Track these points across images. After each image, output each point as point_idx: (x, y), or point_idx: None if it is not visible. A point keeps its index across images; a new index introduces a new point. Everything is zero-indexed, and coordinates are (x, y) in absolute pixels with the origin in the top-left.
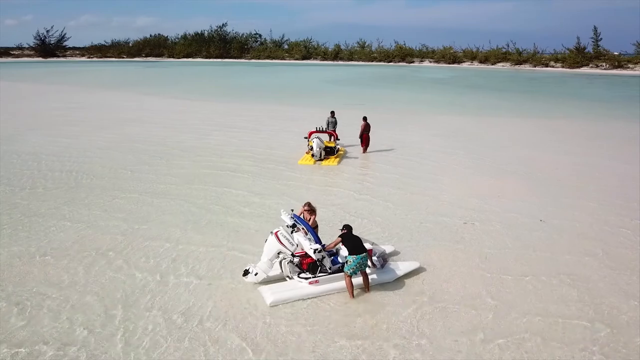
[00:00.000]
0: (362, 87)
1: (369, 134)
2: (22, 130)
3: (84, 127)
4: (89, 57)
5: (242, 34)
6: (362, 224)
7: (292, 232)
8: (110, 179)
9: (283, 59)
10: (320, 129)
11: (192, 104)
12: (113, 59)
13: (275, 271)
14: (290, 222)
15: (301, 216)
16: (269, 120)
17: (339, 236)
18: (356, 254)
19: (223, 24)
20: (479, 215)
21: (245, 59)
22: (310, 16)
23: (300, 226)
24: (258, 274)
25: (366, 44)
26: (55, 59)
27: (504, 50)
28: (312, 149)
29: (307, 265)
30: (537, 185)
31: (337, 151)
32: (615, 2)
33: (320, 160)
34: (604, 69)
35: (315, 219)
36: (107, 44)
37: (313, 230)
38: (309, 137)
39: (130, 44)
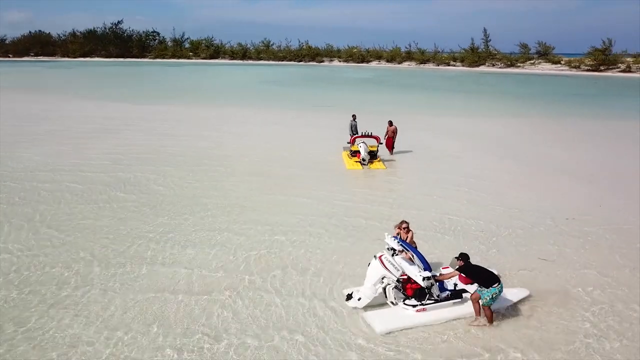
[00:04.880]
0: (306, 88)
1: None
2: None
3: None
4: None
5: (140, 32)
6: (463, 227)
7: (392, 255)
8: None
9: (189, 58)
10: (366, 134)
11: (164, 109)
12: None
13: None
14: (398, 247)
15: (398, 235)
16: (260, 126)
17: (457, 269)
18: (491, 286)
19: (119, 21)
20: (562, 209)
21: (149, 59)
22: (198, 14)
23: (407, 251)
24: (361, 299)
25: (270, 43)
26: None
27: (403, 49)
28: (354, 153)
29: (413, 291)
30: (579, 181)
31: (377, 155)
32: (500, 4)
33: (367, 164)
34: (499, 67)
35: (413, 237)
36: None
37: (422, 255)
38: (352, 143)
39: (7, 42)
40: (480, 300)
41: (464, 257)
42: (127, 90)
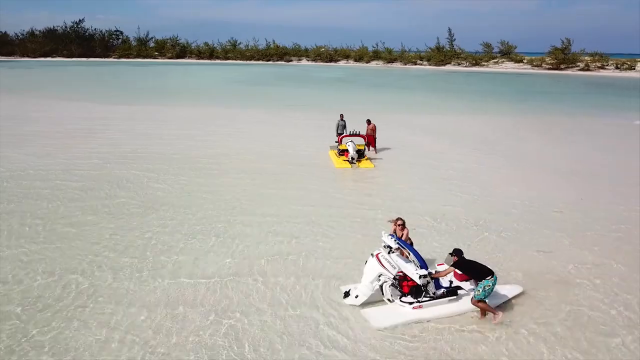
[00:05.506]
0: (277, 87)
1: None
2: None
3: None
4: None
5: (102, 31)
6: (462, 225)
7: (389, 253)
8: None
9: (155, 57)
10: (353, 133)
11: (145, 109)
12: None
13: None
14: (394, 245)
15: (394, 233)
16: (244, 124)
17: (452, 265)
18: (484, 279)
19: (80, 20)
20: (549, 202)
21: (113, 58)
22: (161, 12)
23: (403, 249)
24: (359, 296)
25: (237, 42)
26: None
27: (370, 49)
28: (342, 152)
29: (410, 289)
30: (562, 175)
31: (365, 153)
32: (463, 5)
33: (355, 163)
34: (465, 66)
35: (408, 234)
36: None
37: (418, 252)
38: (340, 141)
39: None
40: (474, 294)
41: (458, 252)
42: (101, 90)
